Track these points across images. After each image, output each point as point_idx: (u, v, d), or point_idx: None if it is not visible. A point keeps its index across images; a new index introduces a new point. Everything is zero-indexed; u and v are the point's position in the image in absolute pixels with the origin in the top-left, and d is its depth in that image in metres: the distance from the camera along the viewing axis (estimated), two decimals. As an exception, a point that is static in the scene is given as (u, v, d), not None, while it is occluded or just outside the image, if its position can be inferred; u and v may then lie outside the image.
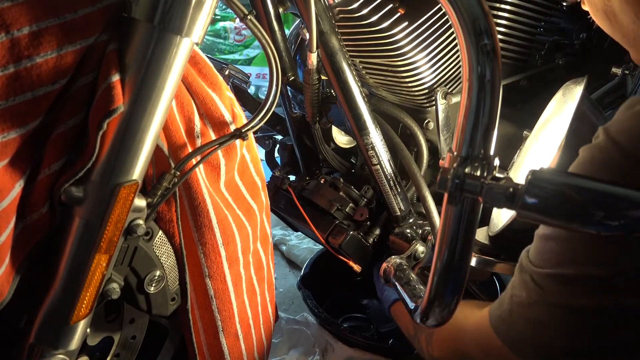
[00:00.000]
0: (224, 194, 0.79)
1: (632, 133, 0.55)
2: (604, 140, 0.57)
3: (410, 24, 0.95)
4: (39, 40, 0.56)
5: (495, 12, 1.01)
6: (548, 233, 0.62)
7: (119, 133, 0.61)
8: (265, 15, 0.99)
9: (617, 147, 0.56)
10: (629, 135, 0.55)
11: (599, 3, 0.66)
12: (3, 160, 0.56)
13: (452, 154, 0.56)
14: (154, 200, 0.70)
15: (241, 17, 0.67)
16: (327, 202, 1.06)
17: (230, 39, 2.96)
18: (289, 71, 1.06)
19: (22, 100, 0.56)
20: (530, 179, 0.49)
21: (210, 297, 0.78)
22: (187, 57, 0.62)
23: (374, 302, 1.40)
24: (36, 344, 0.66)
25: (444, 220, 0.58)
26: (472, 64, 0.56)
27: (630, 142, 0.55)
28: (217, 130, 0.75)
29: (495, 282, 1.39)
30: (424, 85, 1.00)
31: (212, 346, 0.81)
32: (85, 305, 0.66)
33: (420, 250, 1.01)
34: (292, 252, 1.68)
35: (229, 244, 0.77)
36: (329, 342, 1.24)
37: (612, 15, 0.66)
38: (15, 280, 0.63)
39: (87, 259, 0.64)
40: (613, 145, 0.56)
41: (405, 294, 0.87)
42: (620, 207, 0.47)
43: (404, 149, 1.00)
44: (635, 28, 0.64)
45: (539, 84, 1.12)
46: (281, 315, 1.33)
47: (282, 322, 1.31)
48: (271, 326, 0.94)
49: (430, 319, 0.65)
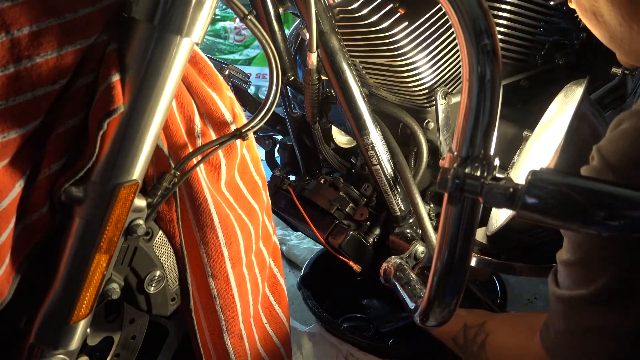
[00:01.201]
0: (225, 194, 0.79)
1: (623, 153, 0.55)
2: (599, 163, 0.58)
3: (410, 24, 0.95)
4: (39, 40, 0.56)
5: (495, 12, 1.01)
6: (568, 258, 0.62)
7: (119, 133, 0.61)
8: (265, 15, 0.99)
9: (611, 170, 0.56)
10: (621, 156, 0.55)
11: (586, 3, 0.66)
12: (3, 160, 0.56)
13: (452, 154, 0.56)
14: (154, 200, 0.70)
15: (241, 17, 0.67)
16: (327, 202, 1.06)
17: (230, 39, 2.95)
18: (289, 71, 1.06)
19: (22, 100, 0.56)
20: (530, 179, 0.49)
21: (213, 297, 0.78)
22: (187, 57, 0.62)
23: (374, 302, 1.40)
24: (36, 344, 0.66)
25: (444, 220, 0.58)
26: (472, 64, 0.56)
27: (621, 162, 0.55)
28: (217, 130, 0.75)
29: (495, 282, 1.39)
30: (424, 85, 1.00)
31: (217, 346, 0.82)
32: (85, 305, 0.66)
33: (420, 250, 1.01)
34: (292, 252, 1.68)
35: (232, 244, 0.77)
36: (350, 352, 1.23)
37: (599, 16, 0.65)
38: (15, 280, 0.63)
39: (87, 259, 0.64)
40: (607, 168, 0.56)
41: (405, 294, 0.87)
42: (620, 207, 0.47)
43: (399, 153, 1.00)
44: (621, 30, 0.63)
45: (539, 84, 1.12)
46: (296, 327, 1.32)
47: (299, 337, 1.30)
48: (284, 326, 0.93)
49: (430, 319, 0.65)
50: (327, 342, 1.26)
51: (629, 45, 0.65)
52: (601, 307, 0.57)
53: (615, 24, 0.63)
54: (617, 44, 0.66)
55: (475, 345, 0.80)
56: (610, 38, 0.67)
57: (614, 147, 0.56)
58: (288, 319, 0.94)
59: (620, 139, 0.56)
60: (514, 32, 1.04)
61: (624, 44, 0.65)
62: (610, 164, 0.56)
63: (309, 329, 1.31)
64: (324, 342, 1.27)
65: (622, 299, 0.56)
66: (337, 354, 1.24)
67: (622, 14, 0.62)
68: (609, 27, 0.65)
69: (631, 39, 0.63)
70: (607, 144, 0.57)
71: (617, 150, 0.56)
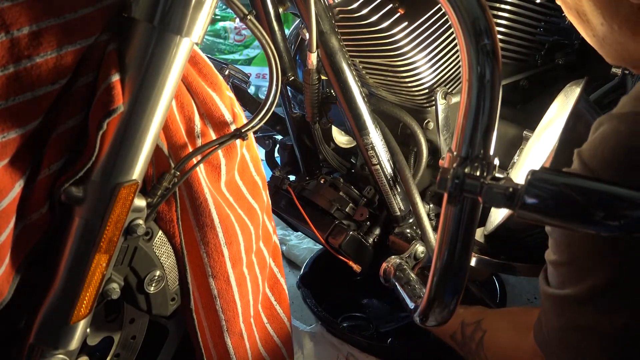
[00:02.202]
0: (225, 194, 0.79)
1: (602, 157, 0.55)
2: (578, 166, 0.58)
3: (410, 24, 0.95)
4: (39, 40, 0.56)
5: (495, 12, 1.01)
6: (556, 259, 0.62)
7: (119, 133, 0.61)
8: (265, 15, 0.99)
9: (589, 173, 0.56)
10: (599, 160, 0.56)
11: (570, 1, 0.67)
12: (3, 160, 0.56)
13: (452, 154, 0.56)
14: (154, 200, 0.70)
15: (241, 17, 0.67)
16: (327, 202, 1.06)
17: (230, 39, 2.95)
18: (289, 71, 1.06)
19: (22, 100, 0.56)
20: (529, 179, 0.49)
21: (214, 297, 0.78)
22: (187, 57, 0.63)
23: (373, 301, 1.40)
24: (36, 344, 0.66)
25: (444, 220, 0.58)
26: (472, 64, 0.56)
27: (600, 167, 0.55)
28: (217, 130, 0.75)
29: (495, 282, 1.39)
30: (424, 85, 1.00)
31: (218, 345, 0.82)
32: (85, 305, 0.66)
33: (420, 250, 1.01)
34: (292, 252, 1.68)
35: (232, 244, 0.77)
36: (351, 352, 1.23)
37: (582, 15, 0.66)
38: (15, 280, 0.63)
39: (87, 259, 0.64)
40: (586, 172, 0.56)
41: (405, 294, 0.87)
42: (620, 207, 0.47)
43: (399, 153, 1.00)
44: (603, 29, 0.65)
45: (539, 84, 1.12)
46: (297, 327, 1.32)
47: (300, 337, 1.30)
48: (285, 325, 0.93)
49: (430, 319, 0.65)
50: (328, 343, 1.26)
51: (610, 44, 0.66)
52: (589, 306, 0.58)
53: (597, 24, 0.65)
54: (599, 43, 0.68)
55: (474, 342, 0.81)
56: (593, 37, 0.68)
57: (592, 151, 0.57)
58: (289, 319, 0.94)
59: (599, 143, 0.56)
60: (514, 32, 1.04)
61: (605, 44, 0.66)
62: (588, 167, 0.56)
63: (310, 328, 1.31)
64: (324, 342, 1.27)
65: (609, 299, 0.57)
66: (338, 354, 1.24)
67: (603, 14, 0.63)
68: (592, 26, 0.66)
69: (612, 38, 0.65)
70: (587, 147, 0.58)
71: (595, 154, 0.56)
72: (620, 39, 0.64)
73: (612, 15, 0.63)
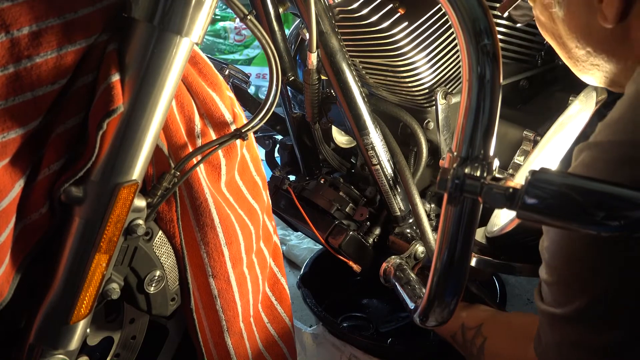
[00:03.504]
0: (225, 194, 0.79)
1: None
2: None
3: (410, 24, 0.95)
4: (39, 40, 0.56)
5: (495, 12, 1.01)
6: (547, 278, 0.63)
7: (119, 133, 0.61)
8: (265, 15, 0.99)
9: None
10: None
11: (547, 24, 0.70)
12: (3, 160, 0.56)
13: (452, 154, 0.57)
14: (154, 200, 0.70)
15: (241, 17, 0.67)
16: (327, 202, 1.06)
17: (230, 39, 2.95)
18: (289, 71, 1.06)
19: (22, 100, 0.56)
20: (529, 179, 0.49)
21: (214, 297, 0.78)
22: (187, 57, 0.63)
23: (373, 301, 1.40)
24: (36, 344, 0.66)
25: (444, 220, 0.58)
26: (472, 64, 0.56)
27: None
28: (217, 130, 0.75)
29: (495, 282, 1.39)
30: (424, 85, 1.00)
31: (218, 345, 0.82)
32: (85, 305, 0.66)
33: (420, 250, 1.01)
34: (292, 252, 1.68)
35: (232, 244, 0.77)
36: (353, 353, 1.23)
37: (558, 37, 0.69)
38: (15, 280, 0.63)
39: (87, 259, 0.64)
40: None
41: (405, 294, 0.87)
42: (620, 207, 0.47)
43: (399, 153, 1.00)
44: (577, 52, 0.67)
45: (539, 84, 1.12)
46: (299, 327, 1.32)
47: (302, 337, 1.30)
48: (286, 326, 0.93)
49: (430, 319, 0.65)
50: (330, 343, 1.26)
51: (586, 67, 0.69)
52: (578, 324, 0.58)
53: (572, 46, 0.68)
54: (576, 65, 0.70)
55: (475, 347, 0.81)
56: (568, 58, 0.71)
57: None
58: (291, 319, 0.94)
59: (579, 171, 0.56)
60: (514, 32, 1.04)
61: (580, 64, 0.69)
62: None
63: (312, 329, 1.31)
64: (327, 343, 1.27)
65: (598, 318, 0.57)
66: (341, 355, 1.24)
67: (577, 37, 0.66)
68: (567, 49, 0.69)
69: (588, 61, 0.67)
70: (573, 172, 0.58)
71: None
72: (595, 62, 0.67)
73: (586, 38, 0.65)
